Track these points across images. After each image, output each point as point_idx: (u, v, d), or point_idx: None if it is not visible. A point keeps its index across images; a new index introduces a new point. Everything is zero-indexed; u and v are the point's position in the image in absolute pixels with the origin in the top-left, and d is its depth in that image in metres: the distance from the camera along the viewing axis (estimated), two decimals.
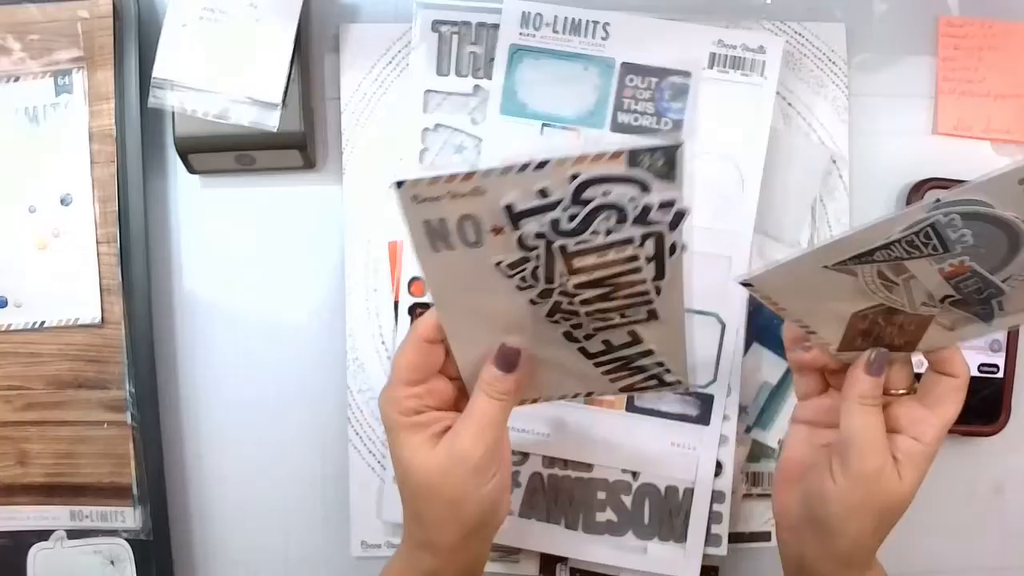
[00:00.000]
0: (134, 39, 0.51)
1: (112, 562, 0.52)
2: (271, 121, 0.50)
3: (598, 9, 0.52)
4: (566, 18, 0.52)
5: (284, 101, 0.50)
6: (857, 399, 0.42)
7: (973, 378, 0.54)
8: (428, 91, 0.53)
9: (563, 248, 0.34)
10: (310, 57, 0.53)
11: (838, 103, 0.55)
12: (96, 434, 0.51)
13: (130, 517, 0.52)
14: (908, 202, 0.55)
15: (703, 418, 0.52)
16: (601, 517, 0.52)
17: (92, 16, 0.51)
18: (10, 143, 0.51)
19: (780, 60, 0.51)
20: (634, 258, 0.35)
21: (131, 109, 0.51)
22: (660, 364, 0.41)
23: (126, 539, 0.52)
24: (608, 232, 0.34)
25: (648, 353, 0.40)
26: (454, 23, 0.53)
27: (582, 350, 0.40)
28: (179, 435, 0.54)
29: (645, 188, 0.32)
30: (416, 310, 0.53)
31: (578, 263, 0.35)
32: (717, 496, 0.52)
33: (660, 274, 0.36)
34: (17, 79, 0.51)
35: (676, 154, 0.31)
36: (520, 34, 0.52)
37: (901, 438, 0.42)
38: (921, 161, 0.55)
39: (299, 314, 0.54)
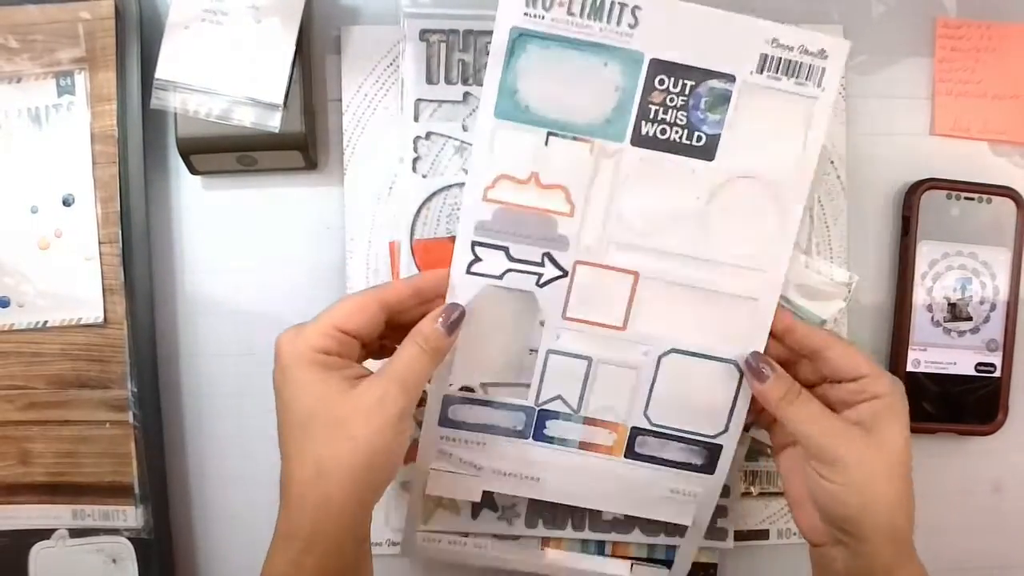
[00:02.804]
0: (136, 40, 0.52)
1: (114, 561, 0.52)
2: (273, 122, 0.50)
3: None
4: None
5: (286, 102, 0.50)
6: (778, 403, 0.42)
7: (970, 377, 0.55)
8: (419, 100, 0.53)
9: None
10: (311, 58, 0.53)
11: (835, 104, 0.55)
12: (98, 433, 0.52)
13: (132, 516, 0.52)
14: (905, 202, 0.55)
15: (708, 467, 0.48)
16: (607, 515, 0.52)
17: (94, 17, 0.51)
18: (12, 144, 0.52)
19: (842, 69, 0.43)
20: None
21: (133, 110, 0.52)
22: None
23: (128, 538, 0.52)
24: None
25: None
26: (442, 31, 0.52)
27: None
28: (181, 434, 0.54)
29: None
30: None
31: None
32: (722, 490, 0.51)
33: None
34: (19, 80, 0.52)
35: None
36: (525, 14, 0.42)
37: (858, 407, 0.42)
38: (918, 162, 0.56)
39: (301, 313, 0.54)
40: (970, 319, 0.55)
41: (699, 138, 0.43)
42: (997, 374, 0.55)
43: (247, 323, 0.54)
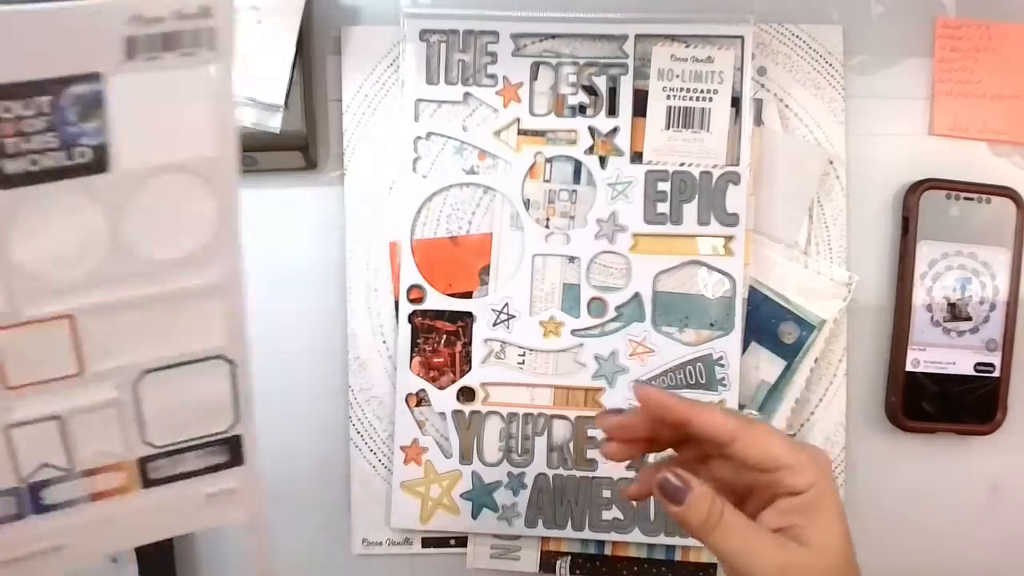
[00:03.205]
0: None
1: (114, 560, 0.52)
2: (273, 122, 0.50)
3: None
4: None
5: (286, 103, 0.50)
6: (701, 529, 0.36)
7: (969, 377, 0.56)
8: (419, 100, 0.53)
9: None
10: (312, 59, 0.53)
11: (835, 105, 0.55)
12: None
13: None
14: (905, 202, 0.55)
15: (236, 460, 0.44)
16: (607, 515, 0.53)
17: None
18: None
19: (232, 21, 0.35)
20: None
21: None
22: None
23: None
24: None
25: None
26: (442, 32, 0.53)
27: None
28: None
29: None
30: (415, 318, 0.53)
31: None
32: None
33: None
34: None
35: None
36: None
37: (779, 504, 0.36)
38: (918, 162, 0.56)
39: (300, 313, 0.55)
40: (969, 319, 0.55)
41: (83, 154, 0.35)
42: (996, 374, 0.55)
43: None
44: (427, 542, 0.54)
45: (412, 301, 0.53)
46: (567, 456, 0.53)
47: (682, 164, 0.53)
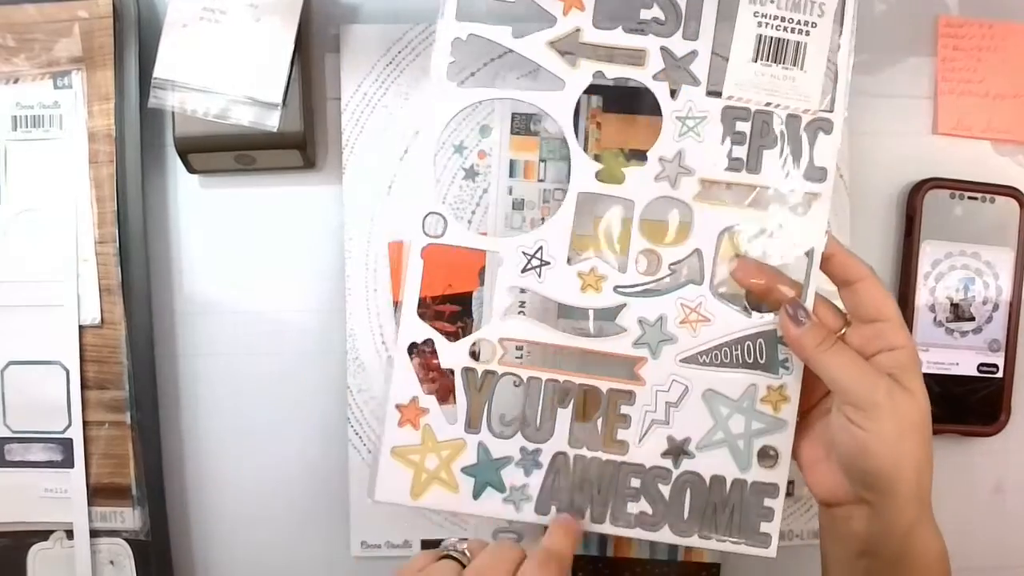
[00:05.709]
0: (134, 39, 0.51)
1: (111, 562, 0.52)
2: (271, 121, 0.50)
3: None
4: None
5: (284, 101, 0.50)
6: (814, 351, 0.42)
7: (972, 378, 0.55)
8: None
9: None
10: (310, 57, 0.53)
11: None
12: (96, 434, 0.51)
13: (130, 517, 0.52)
14: (908, 202, 0.55)
15: (68, 462, 0.51)
16: (633, 508, 0.45)
17: (92, 16, 0.51)
18: (9, 143, 0.51)
19: (81, 112, 0.50)
20: None
21: (131, 109, 0.51)
22: None
23: (126, 539, 0.52)
24: None
25: None
26: None
27: None
28: (178, 435, 0.54)
29: None
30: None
31: None
32: (769, 489, 0.45)
33: None
34: (16, 80, 0.51)
35: None
36: None
37: (877, 359, 0.41)
38: (921, 161, 0.56)
39: (299, 314, 0.54)
40: (973, 319, 0.55)
41: None
42: (1000, 375, 0.55)
43: (245, 323, 0.54)
44: (427, 544, 0.54)
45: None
46: (594, 434, 0.45)
47: (767, 104, 0.45)
